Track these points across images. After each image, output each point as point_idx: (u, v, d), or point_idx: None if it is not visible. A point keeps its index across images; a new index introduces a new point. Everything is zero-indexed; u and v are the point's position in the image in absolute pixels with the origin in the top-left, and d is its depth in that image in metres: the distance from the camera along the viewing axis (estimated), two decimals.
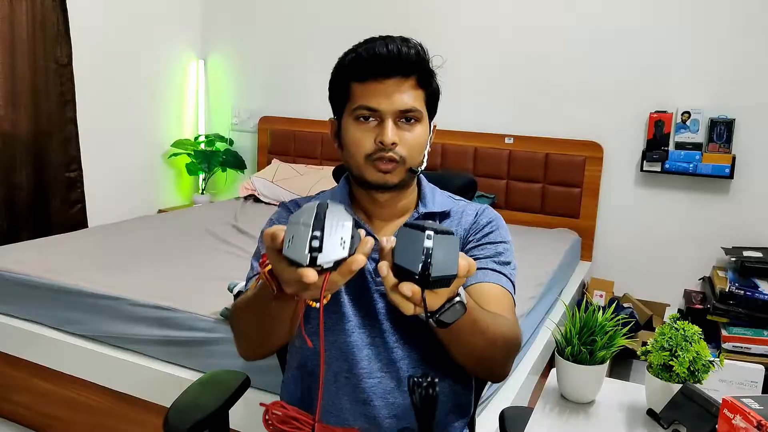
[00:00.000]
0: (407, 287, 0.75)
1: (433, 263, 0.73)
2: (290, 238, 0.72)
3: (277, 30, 3.80)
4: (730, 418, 0.80)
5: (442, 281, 0.75)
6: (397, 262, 0.75)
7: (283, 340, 1.00)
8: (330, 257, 0.71)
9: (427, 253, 0.74)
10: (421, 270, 0.73)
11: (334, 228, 0.72)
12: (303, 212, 0.74)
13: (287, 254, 0.72)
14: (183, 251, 2.49)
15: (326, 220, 0.72)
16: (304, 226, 0.72)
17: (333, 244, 0.71)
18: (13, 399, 2.17)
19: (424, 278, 0.74)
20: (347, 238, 0.72)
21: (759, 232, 2.83)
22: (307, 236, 0.71)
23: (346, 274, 0.74)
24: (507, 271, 1.08)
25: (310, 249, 0.70)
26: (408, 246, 0.75)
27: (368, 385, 1.05)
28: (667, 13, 2.91)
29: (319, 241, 0.70)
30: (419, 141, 1.04)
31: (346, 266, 0.73)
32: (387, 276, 0.77)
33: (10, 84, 2.90)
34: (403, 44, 1.01)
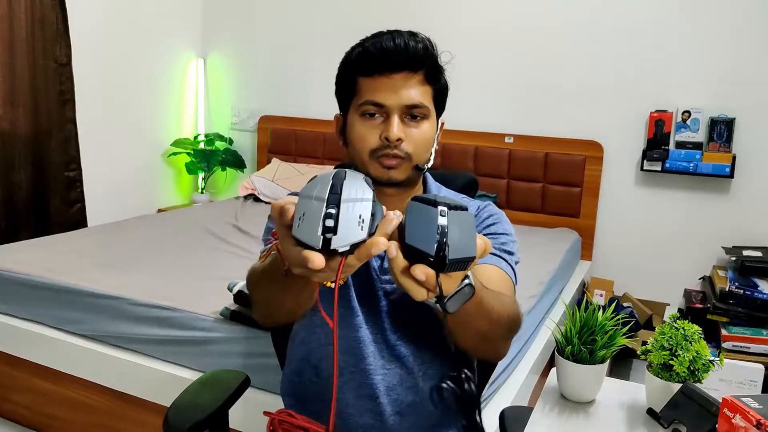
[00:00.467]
0: (420, 271, 0.67)
1: (449, 244, 0.64)
2: (301, 215, 0.63)
3: (277, 29, 3.79)
4: (729, 417, 0.80)
5: (459, 264, 0.66)
6: (409, 241, 0.66)
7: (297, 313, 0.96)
8: (346, 240, 0.62)
9: (443, 232, 0.65)
10: (437, 251, 0.65)
11: (352, 204, 0.63)
12: (317, 183, 0.65)
13: (297, 235, 0.63)
14: (183, 251, 2.49)
15: (342, 194, 0.63)
16: (317, 201, 0.63)
17: (350, 224, 0.62)
18: (13, 399, 2.17)
19: (439, 261, 0.65)
20: (366, 217, 0.63)
21: (759, 232, 2.83)
22: (320, 214, 0.62)
23: (364, 257, 0.66)
24: (508, 258, 1.08)
25: (324, 230, 0.61)
26: (420, 223, 0.66)
27: (374, 381, 1.04)
28: (668, 12, 2.91)
29: (334, 221, 0.62)
30: (426, 138, 1.02)
31: (365, 249, 0.65)
32: (396, 257, 0.68)
33: (10, 83, 2.89)
34: (411, 38, 0.99)
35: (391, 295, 1.06)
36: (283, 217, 0.67)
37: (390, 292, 1.06)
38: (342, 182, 0.65)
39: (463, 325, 0.90)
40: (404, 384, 1.06)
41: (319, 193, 0.64)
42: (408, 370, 1.06)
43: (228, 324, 1.81)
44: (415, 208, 0.68)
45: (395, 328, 1.06)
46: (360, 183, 0.66)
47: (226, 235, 2.76)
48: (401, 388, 1.06)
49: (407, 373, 1.06)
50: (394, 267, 0.69)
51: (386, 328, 1.06)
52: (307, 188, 0.66)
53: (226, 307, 1.83)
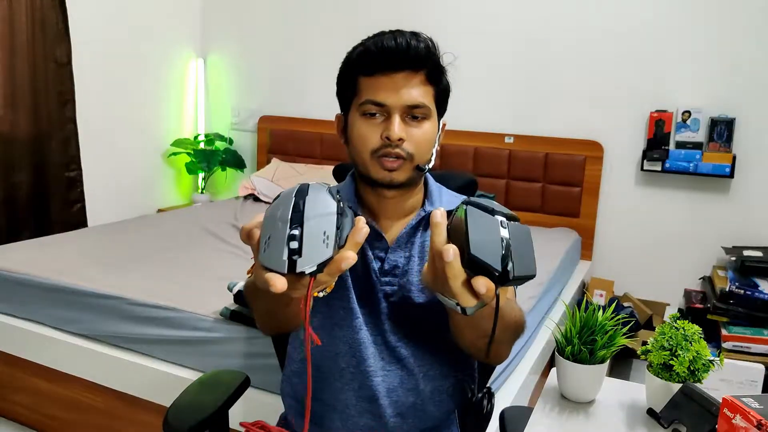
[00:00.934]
0: (483, 283, 0.66)
1: (514, 260, 0.64)
2: (267, 238, 0.62)
3: (277, 29, 3.79)
4: (730, 417, 0.80)
5: (520, 280, 0.66)
6: (475, 253, 0.64)
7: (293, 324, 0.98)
8: (312, 261, 0.61)
9: (507, 247, 0.64)
10: (503, 267, 0.64)
11: (315, 221, 0.62)
12: (280, 203, 0.65)
13: (263, 262, 0.62)
14: (183, 251, 2.49)
15: (306, 211, 0.62)
16: (281, 223, 0.62)
17: (315, 243, 0.61)
18: (13, 399, 2.17)
19: (503, 276, 0.64)
20: (331, 233, 0.62)
21: (759, 232, 2.83)
22: (284, 237, 0.61)
23: (335, 272, 0.66)
24: None
25: (289, 252, 0.61)
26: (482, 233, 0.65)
27: (374, 383, 1.04)
28: (668, 12, 2.90)
29: (298, 242, 0.61)
30: (427, 138, 1.02)
31: (334, 265, 0.65)
32: (453, 263, 0.67)
33: (10, 84, 2.89)
34: (413, 38, 0.99)
35: (391, 297, 1.06)
36: (250, 240, 0.68)
37: (389, 294, 1.06)
38: (304, 198, 0.64)
39: (473, 328, 0.90)
40: (405, 386, 1.06)
41: (282, 213, 0.63)
42: (408, 371, 1.06)
43: (228, 324, 1.81)
44: (475, 215, 0.67)
45: (395, 329, 1.06)
46: (323, 196, 0.65)
47: (226, 235, 2.76)
48: (402, 389, 1.06)
49: (408, 374, 1.06)
50: (449, 272, 0.69)
51: (386, 330, 1.06)
52: (272, 207, 0.65)
53: (226, 307, 1.83)
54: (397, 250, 1.07)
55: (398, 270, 1.06)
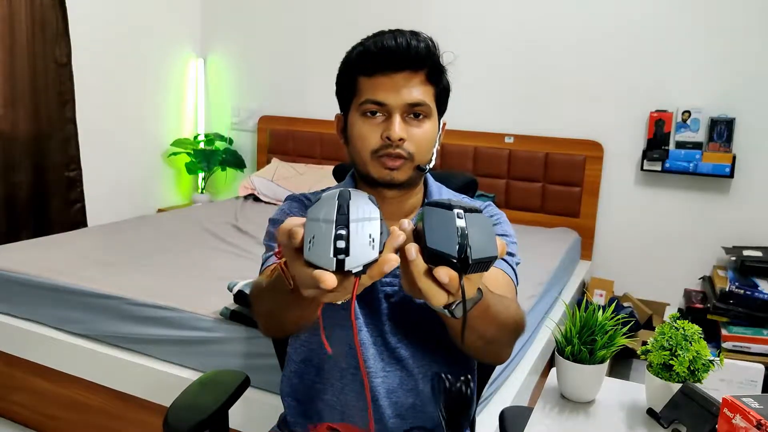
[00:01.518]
0: (444, 273, 0.67)
1: (471, 245, 0.65)
2: (311, 237, 0.63)
3: (276, 29, 3.79)
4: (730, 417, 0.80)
5: (481, 264, 0.67)
6: (430, 245, 0.66)
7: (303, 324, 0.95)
8: (359, 261, 0.62)
9: (463, 234, 0.66)
10: (459, 253, 0.65)
11: (361, 224, 0.63)
12: (323, 205, 0.65)
13: (309, 258, 0.62)
14: (183, 251, 2.49)
15: (350, 214, 0.63)
16: (326, 223, 0.63)
17: (361, 244, 0.62)
18: (13, 399, 2.17)
19: (462, 262, 0.65)
20: (376, 236, 0.63)
21: (759, 232, 2.83)
22: (330, 236, 0.62)
23: (377, 275, 0.66)
24: (509, 260, 1.07)
25: (336, 251, 0.61)
26: (438, 227, 0.67)
27: (374, 384, 1.04)
28: (668, 12, 2.91)
29: (345, 242, 0.61)
30: (428, 137, 1.01)
31: (377, 267, 0.65)
32: (416, 260, 0.68)
33: (10, 84, 2.89)
34: (413, 37, 0.99)
35: (391, 297, 1.06)
36: (292, 240, 0.67)
37: (390, 294, 1.06)
38: (348, 202, 0.64)
39: (469, 330, 0.89)
40: (404, 386, 1.06)
41: (326, 215, 0.63)
42: (408, 372, 1.06)
43: (228, 324, 1.81)
44: (432, 212, 0.69)
45: (395, 330, 1.06)
46: (366, 202, 0.66)
47: (226, 235, 2.76)
48: (401, 390, 1.06)
49: (407, 375, 1.06)
50: (413, 270, 0.69)
51: (386, 331, 1.05)
52: (313, 210, 0.65)
53: (226, 307, 1.82)
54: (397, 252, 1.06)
55: (398, 271, 1.05)
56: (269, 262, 1.07)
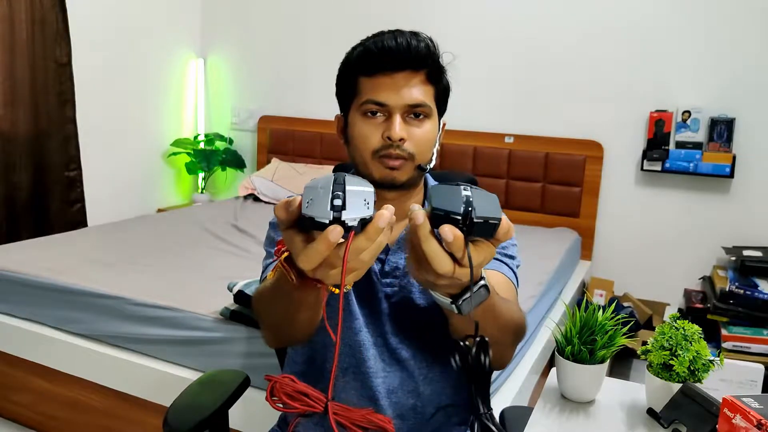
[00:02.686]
0: (449, 229, 0.67)
1: (475, 207, 0.67)
2: (309, 199, 0.66)
3: (277, 29, 3.79)
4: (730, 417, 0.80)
5: (485, 226, 0.68)
6: (435, 206, 0.68)
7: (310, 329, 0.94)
8: (356, 214, 0.65)
9: (468, 200, 0.68)
10: (464, 211, 0.67)
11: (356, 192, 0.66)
12: (320, 179, 0.68)
13: (307, 212, 0.65)
14: (183, 251, 2.49)
15: (346, 185, 0.66)
16: (323, 189, 0.66)
17: (356, 204, 0.65)
18: (13, 399, 2.17)
19: (466, 220, 0.67)
20: (371, 201, 0.66)
21: (759, 232, 2.83)
22: (328, 195, 0.65)
23: (373, 235, 0.67)
24: (510, 263, 1.07)
25: (333, 207, 0.64)
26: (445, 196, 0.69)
27: (374, 384, 1.04)
28: (668, 12, 2.90)
29: (342, 201, 0.65)
30: (428, 137, 1.01)
31: (373, 225, 0.66)
32: (423, 223, 0.69)
33: (10, 83, 2.89)
34: (413, 38, 0.99)
35: (392, 297, 1.05)
36: (290, 206, 0.68)
37: (391, 295, 1.06)
38: (344, 177, 0.67)
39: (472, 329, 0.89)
40: (405, 387, 1.06)
41: (324, 184, 0.66)
42: (408, 373, 1.06)
43: (228, 324, 1.81)
44: (439, 187, 0.71)
45: (396, 331, 1.06)
46: (360, 179, 0.68)
47: (226, 235, 2.76)
48: (402, 391, 1.06)
49: (408, 376, 1.06)
50: (420, 233, 0.69)
51: (387, 332, 1.05)
52: (311, 183, 0.68)
53: (226, 307, 1.83)
54: (398, 252, 1.06)
55: (399, 271, 1.06)
56: (270, 268, 1.06)
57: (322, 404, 0.93)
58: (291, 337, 1.00)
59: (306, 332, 0.96)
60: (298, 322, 0.90)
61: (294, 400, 0.95)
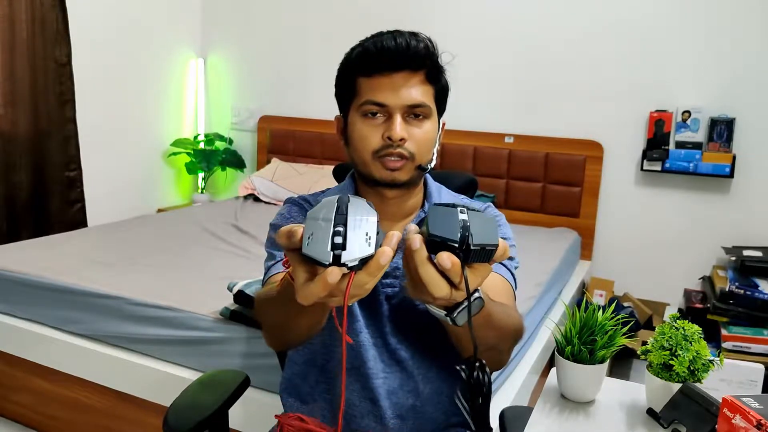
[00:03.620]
0: (446, 257, 0.68)
1: (472, 233, 0.68)
2: (310, 234, 0.65)
3: (276, 29, 3.79)
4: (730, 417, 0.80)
5: (482, 252, 0.69)
6: (433, 232, 0.69)
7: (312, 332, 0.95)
8: (355, 254, 0.64)
9: (465, 225, 0.68)
10: (461, 239, 0.67)
11: (358, 223, 0.65)
12: (323, 207, 0.67)
13: (307, 252, 0.64)
14: (183, 251, 2.49)
15: (348, 215, 0.66)
16: (325, 222, 0.65)
17: (358, 241, 0.64)
18: (13, 399, 2.17)
19: (463, 247, 0.68)
20: (373, 234, 0.65)
21: (759, 232, 2.83)
22: (329, 231, 0.64)
23: (375, 271, 0.67)
24: (508, 264, 1.07)
25: (333, 246, 0.64)
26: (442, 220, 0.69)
27: (375, 385, 1.05)
28: (668, 12, 2.91)
29: (342, 237, 0.64)
30: (428, 137, 1.01)
31: (374, 263, 0.66)
32: (420, 249, 0.70)
33: (10, 83, 2.89)
34: (412, 38, 0.99)
35: (392, 299, 1.06)
36: (291, 238, 0.67)
37: (391, 296, 1.06)
38: (346, 204, 0.67)
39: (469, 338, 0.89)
40: (404, 388, 1.06)
41: (326, 214, 0.66)
42: (408, 373, 1.06)
43: (228, 324, 1.81)
44: (435, 209, 0.71)
45: (396, 332, 1.06)
46: (364, 205, 0.68)
47: (226, 235, 2.76)
48: (402, 391, 1.06)
49: (407, 376, 1.06)
50: (416, 258, 0.70)
51: (387, 333, 1.06)
52: (313, 212, 0.67)
53: (226, 307, 1.83)
54: (398, 252, 1.06)
55: (399, 272, 1.06)
56: (273, 270, 1.06)
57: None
58: (292, 340, 1.00)
59: (307, 336, 0.96)
60: (300, 326, 0.90)
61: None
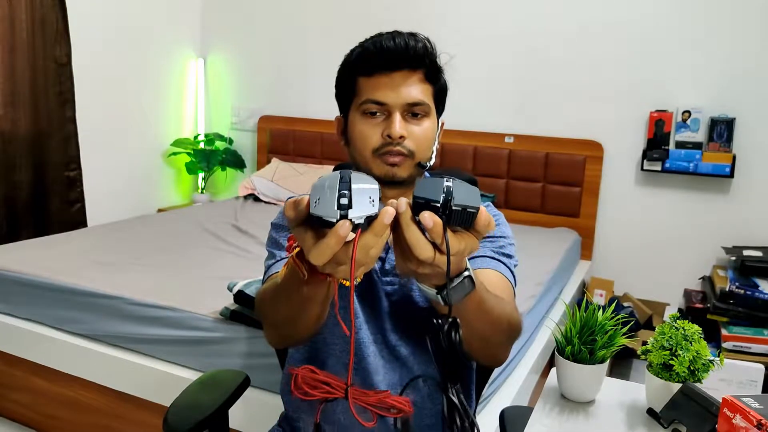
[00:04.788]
0: (428, 215, 0.70)
1: (455, 196, 0.71)
2: (316, 199, 0.69)
3: (276, 29, 3.79)
4: (730, 417, 0.80)
5: (464, 215, 0.72)
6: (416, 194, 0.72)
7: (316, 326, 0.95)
8: (361, 212, 0.68)
9: (448, 190, 0.71)
10: (443, 200, 0.71)
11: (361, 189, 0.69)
12: (327, 178, 0.71)
13: (315, 212, 0.68)
14: (183, 251, 2.49)
15: (352, 183, 0.69)
16: (330, 189, 0.69)
17: (362, 202, 0.68)
18: (13, 398, 2.17)
19: (445, 207, 0.71)
20: (376, 198, 0.69)
21: (759, 232, 2.83)
22: (334, 195, 0.68)
23: (380, 231, 0.69)
24: (507, 262, 1.08)
25: (339, 206, 0.68)
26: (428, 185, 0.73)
27: (375, 381, 1.05)
28: (668, 12, 2.91)
29: (348, 199, 0.68)
30: (427, 135, 1.03)
31: (378, 222, 0.69)
32: (405, 211, 0.72)
33: (10, 83, 2.89)
34: (411, 38, 1.01)
35: (392, 296, 1.06)
36: (298, 207, 0.70)
37: (391, 293, 1.06)
38: (350, 175, 0.70)
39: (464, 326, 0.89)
40: (404, 383, 1.06)
41: (330, 183, 0.69)
42: (408, 369, 1.06)
43: (228, 324, 1.81)
44: (425, 179, 0.75)
45: (396, 328, 1.06)
46: (366, 177, 0.71)
47: (226, 235, 2.76)
48: (401, 388, 1.06)
49: (407, 373, 1.06)
50: (402, 220, 0.72)
51: (387, 329, 1.06)
52: (318, 182, 0.71)
53: (226, 307, 1.83)
54: None
55: None
56: (273, 269, 1.07)
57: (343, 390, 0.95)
58: (295, 336, 1.01)
59: (311, 330, 0.96)
60: (304, 319, 0.91)
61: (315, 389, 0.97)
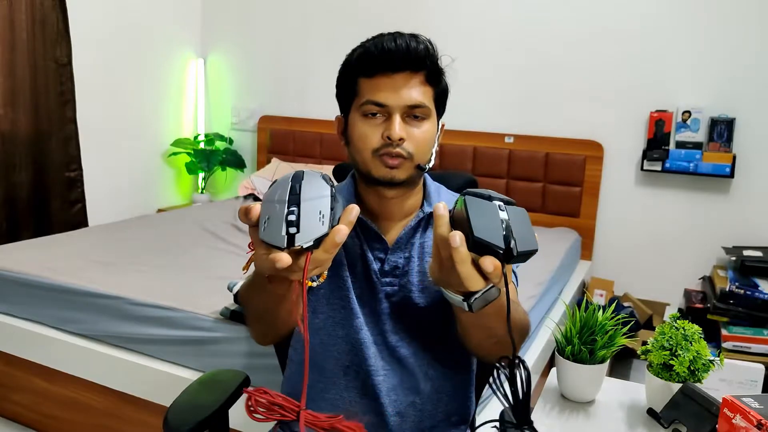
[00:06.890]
0: (490, 262, 0.70)
1: (516, 237, 0.70)
2: (266, 219, 0.68)
3: (277, 29, 3.79)
4: (730, 417, 0.80)
5: (524, 256, 0.71)
6: (478, 235, 0.70)
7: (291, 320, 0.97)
8: (309, 236, 0.67)
9: (507, 227, 0.70)
10: (506, 245, 0.69)
11: (311, 202, 0.68)
12: (278, 187, 0.70)
13: (263, 238, 0.68)
14: (183, 250, 2.49)
15: (302, 194, 0.68)
16: (279, 204, 0.68)
17: (311, 221, 0.67)
18: (13, 399, 2.17)
19: (507, 253, 0.70)
20: (326, 212, 0.68)
21: (759, 232, 2.83)
22: (282, 215, 0.67)
23: (331, 248, 0.70)
24: None
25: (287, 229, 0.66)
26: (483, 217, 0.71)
27: (375, 382, 1.05)
28: (668, 12, 2.90)
29: (296, 219, 0.67)
30: (427, 137, 1.03)
31: (329, 240, 0.69)
32: (460, 248, 0.72)
33: (10, 83, 2.89)
34: (412, 39, 1.00)
35: (392, 297, 1.06)
36: (249, 216, 0.71)
37: (391, 294, 1.06)
38: (300, 183, 0.69)
39: (480, 328, 0.90)
40: (404, 385, 1.06)
41: (280, 196, 0.69)
42: (408, 371, 1.06)
43: (228, 324, 1.82)
44: (473, 202, 0.73)
45: (396, 329, 1.06)
46: (318, 181, 0.70)
47: (226, 235, 2.76)
48: (402, 389, 1.06)
49: (407, 374, 1.06)
50: (456, 257, 0.72)
51: (387, 330, 1.06)
52: (269, 193, 0.70)
53: (226, 307, 1.83)
54: (397, 251, 1.07)
55: (398, 271, 1.06)
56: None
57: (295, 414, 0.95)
58: (274, 330, 1.02)
59: (285, 327, 0.98)
60: (279, 313, 0.93)
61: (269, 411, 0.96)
